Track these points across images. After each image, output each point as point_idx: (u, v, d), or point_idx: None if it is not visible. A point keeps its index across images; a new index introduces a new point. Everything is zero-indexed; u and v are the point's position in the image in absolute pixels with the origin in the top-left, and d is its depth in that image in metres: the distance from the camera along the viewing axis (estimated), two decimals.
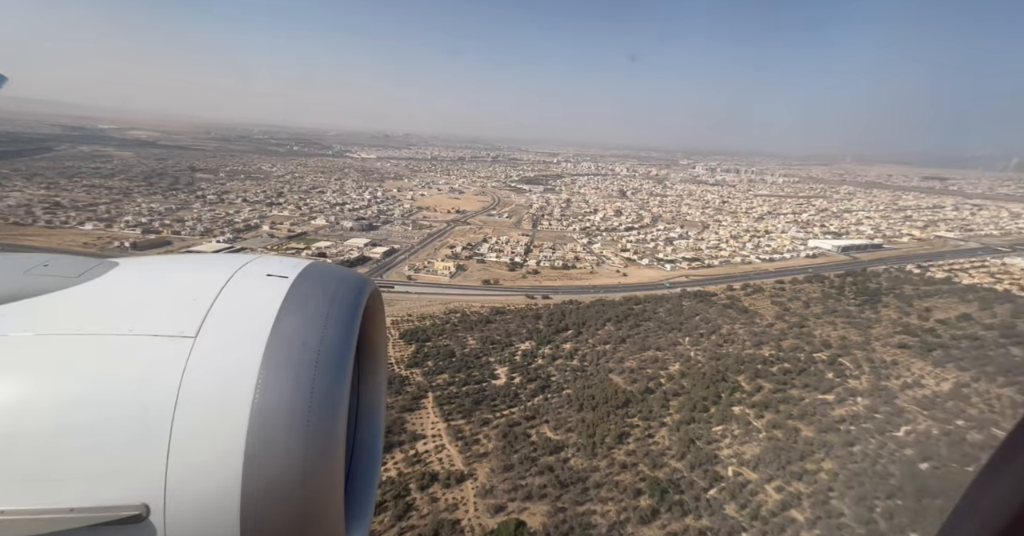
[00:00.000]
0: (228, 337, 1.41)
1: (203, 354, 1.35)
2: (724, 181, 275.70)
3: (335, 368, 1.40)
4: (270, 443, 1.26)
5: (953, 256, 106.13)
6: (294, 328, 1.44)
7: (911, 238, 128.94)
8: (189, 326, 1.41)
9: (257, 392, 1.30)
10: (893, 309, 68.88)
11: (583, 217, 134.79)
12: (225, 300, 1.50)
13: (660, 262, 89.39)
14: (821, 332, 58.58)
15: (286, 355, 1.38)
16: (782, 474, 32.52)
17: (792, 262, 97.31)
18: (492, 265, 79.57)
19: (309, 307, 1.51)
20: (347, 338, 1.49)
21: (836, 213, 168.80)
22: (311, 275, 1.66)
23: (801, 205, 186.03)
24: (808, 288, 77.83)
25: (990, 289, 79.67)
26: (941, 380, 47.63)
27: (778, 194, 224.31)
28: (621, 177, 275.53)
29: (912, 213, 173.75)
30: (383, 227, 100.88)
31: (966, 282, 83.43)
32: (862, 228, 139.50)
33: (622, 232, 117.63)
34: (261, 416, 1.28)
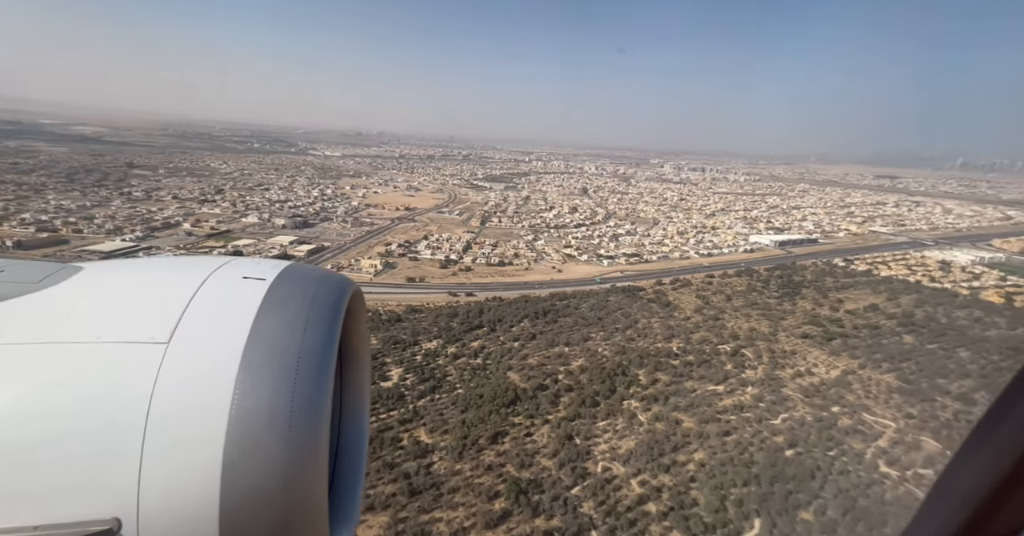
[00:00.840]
0: (203, 342, 1.36)
1: (177, 360, 1.30)
2: (688, 179, 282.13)
3: (317, 371, 1.37)
4: (250, 450, 1.22)
5: (880, 250, 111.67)
6: (273, 331, 1.39)
7: (847, 233, 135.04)
8: (161, 332, 1.34)
9: (235, 398, 1.26)
10: (809, 301, 71.45)
11: (537, 214, 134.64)
12: (199, 304, 1.44)
13: (600, 258, 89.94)
14: (733, 324, 59.95)
15: (265, 359, 1.33)
16: (651, 467, 32.59)
17: (729, 257, 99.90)
18: (425, 263, 78.03)
19: (289, 309, 1.46)
20: (329, 340, 1.45)
21: (785, 210, 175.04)
22: (290, 277, 1.62)
23: (755, 202, 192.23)
24: (735, 282, 79.91)
25: (903, 281, 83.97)
26: (831, 368, 49.39)
27: (736, 192, 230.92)
28: (588, 175, 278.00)
29: (855, 210, 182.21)
30: (320, 225, 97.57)
31: (884, 274, 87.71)
32: (805, 224, 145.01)
33: (572, 229, 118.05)
34: (240, 422, 1.23)
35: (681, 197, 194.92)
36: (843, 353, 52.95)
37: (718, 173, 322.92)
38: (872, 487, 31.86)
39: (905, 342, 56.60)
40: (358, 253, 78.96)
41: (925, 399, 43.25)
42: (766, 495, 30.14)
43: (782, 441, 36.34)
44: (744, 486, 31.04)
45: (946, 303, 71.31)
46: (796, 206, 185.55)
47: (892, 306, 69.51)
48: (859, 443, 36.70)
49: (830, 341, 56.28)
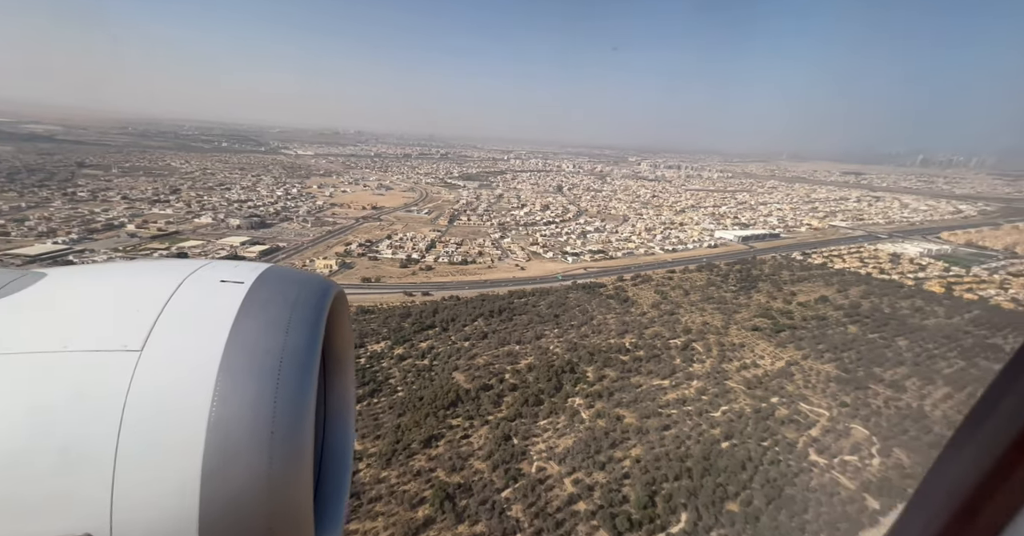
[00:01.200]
0: (179, 348, 1.32)
1: (151, 368, 1.26)
2: (663, 177, 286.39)
3: (300, 375, 1.34)
4: (231, 458, 1.19)
5: (838, 243, 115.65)
6: (254, 335, 1.36)
7: (809, 228, 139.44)
8: (134, 339, 1.31)
9: (215, 405, 1.23)
10: (764, 294, 73.10)
11: (508, 212, 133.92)
12: (174, 309, 1.41)
13: (565, 255, 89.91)
14: (687, 319, 60.66)
15: (246, 363, 1.30)
16: (587, 465, 32.32)
17: (694, 252, 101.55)
18: (385, 262, 76.27)
19: (269, 312, 1.44)
20: (311, 343, 1.42)
21: (753, 206, 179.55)
22: (270, 279, 1.60)
23: (725, 198, 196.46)
24: (695, 277, 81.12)
25: (855, 273, 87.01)
26: (776, 360, 50.44)
27: (708, 189, 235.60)
28: (565, 173, 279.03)
29: (819, 205, 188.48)
30: (279, 225, 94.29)
31: (838, 267, 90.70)
32: (770, 219, 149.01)
33: (541, 226, 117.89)
34: (220, 430, 1.20)
35: (654, 194, 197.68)
36: (789, 345, 54.20)
37: (693, 171, 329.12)
38: (799, 476, 32.44)
39: (849, 332, 58.40)
40: (315, 253, 76.54)
41: (859, 387, 44.56)
42: (695, 489, 30.25)
43: (719, 433, 36.70)
44: (676, 480, 31.10)
45: (891, 294, 74.14)
46: (764, 202, 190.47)
47: (841, 298, 71.79)
48: (792, 432, 37.41)
49: (779, 333, 57.58)
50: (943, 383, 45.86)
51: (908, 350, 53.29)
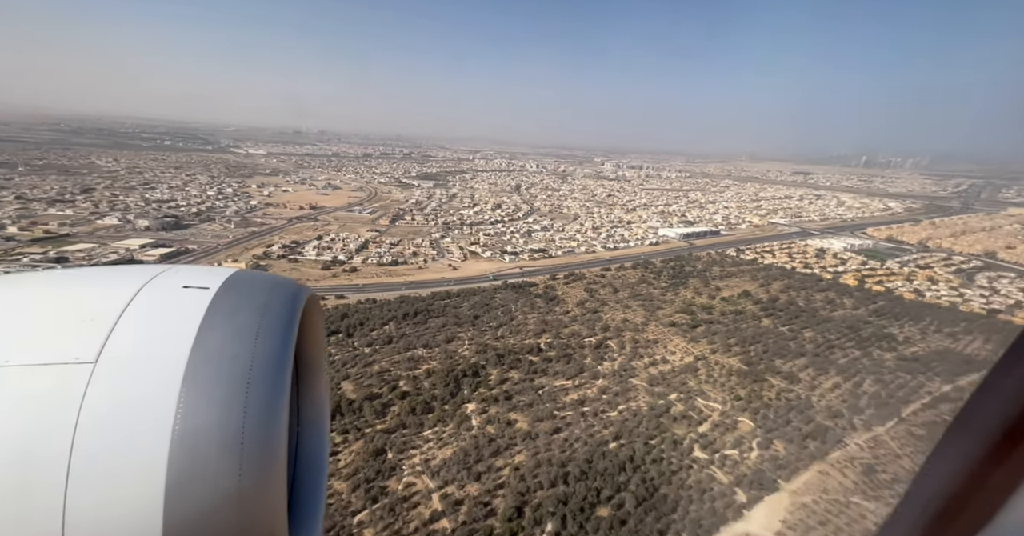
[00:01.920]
0: (138, 359, 1.26)
1: (106, 381, 1.20)
2: (624, 176, 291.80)
3: (271, 382, 1.29)
4: (197, 473, 1.14)
5: (773, 239, 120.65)
6: (220, 343, 1.30)
7: (749, 225, 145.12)
8: (86, 350, 1.24)
9: (179, 417, 1.17)
10: (691, 290, 74.42)
11: (457, 211, 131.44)
12: (132, 318, 1.34)
13: (504, 254, 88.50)
14: (609, 316, 60.47)
15: (212, 372, 1.25)
16: (462, 477, 30.54)
17: (635, 250, 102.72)
18: (307, 264, 72.09)
19: (237, 319, 1.38)
20: (283, 350, 1.38)
21: (702, 204, 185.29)
22: (237, 285, 1.54)
23: (678, 197, 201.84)
24: (629, 274, 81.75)
25: (781, 268, 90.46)
26: (686, 355, 50.81)
27: (665, 188, 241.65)
28: (528, 173, 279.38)
29: (764, 203, 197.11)
30: (199, 226, 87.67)
31: (767, 262, 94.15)
32: (716, 217, 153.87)
33: (488, 226, 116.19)
34: (185, 443, 1.15)
35: (610, 193, 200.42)
36: (702, 340, 54.87)
37: (653, 171, 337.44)
38: (677, 473, 32.04)
39: (761, 325, 59.98)
40: (229, 256, 71.29)
41: (757, 380, 45.36)
42: (568, 495, 29.12)
43: (609, 434, 35.97)
44: (551, 487, 29.88)
45: (809, 287, 77.36)
46: (713, 201, 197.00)
47: (762, 292, 74.11)
48: (682, 429, 37.23)
49: (695, 328, 58.32)
50: (835, 372, 47.46)
51: (811, 342, 55.16)
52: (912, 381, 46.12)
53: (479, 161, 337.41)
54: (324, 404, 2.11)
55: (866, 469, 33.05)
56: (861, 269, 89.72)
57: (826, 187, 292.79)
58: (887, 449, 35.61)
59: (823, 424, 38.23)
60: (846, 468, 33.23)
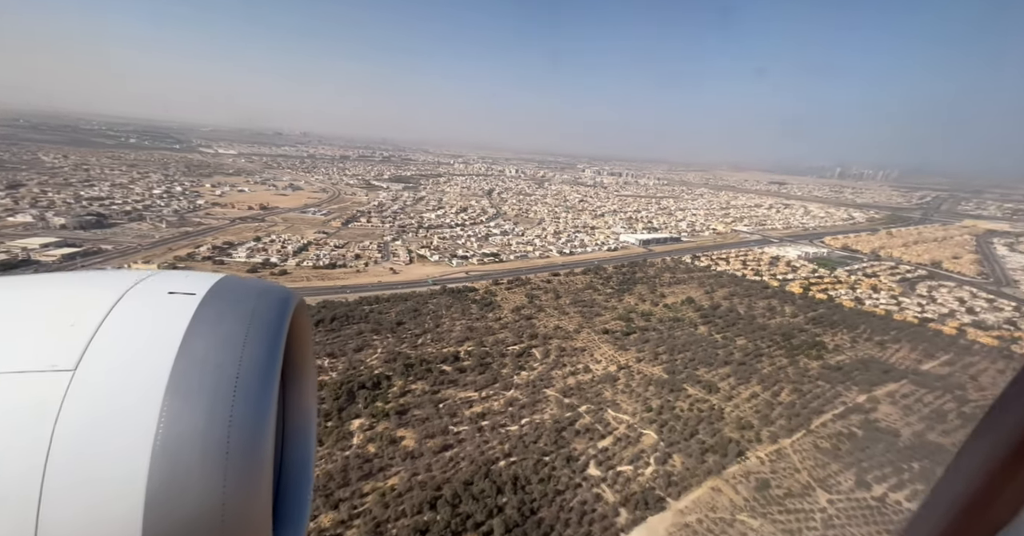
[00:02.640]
0: (120, 366, 1.21)
1: (85, 389, 1.15)
2: (601, 183, 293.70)
3: (258, 391, 1.26)
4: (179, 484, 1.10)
5: (733, 247, 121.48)
6: (206, 350, 1.27)
7: (713, 232, 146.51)
8: (65, 358, 1.19)
9: (161, 426, 1.13)
10: (636, 296, 73.37)
11: (420, 214, 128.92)
12: (114, 324, 1.29)
13: (453, 258, 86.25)
14: (543, 323, 58.66)
15: (196, 380, 1.21)
16: (318, 506, 27.76)
17: (592, 255, 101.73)
18: (234, 266, 68.44)
19: (224, 326, 1.35)
20: (270, 357, 1.34)
21: (672, 211, 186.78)
22: (224, 290, 1.50)
23: (650, 204, 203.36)
24: (578, 279, 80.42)
25: (732, 275, 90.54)
26: (611, 364, 49.20)
27: (640, 194, 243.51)
28: (506, 177, 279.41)
29: (732, 211, 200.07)
30: (126, 225, 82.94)
31: (721, 269, 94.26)
32: (681, 224, 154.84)
33: (446, 229, 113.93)
34: (167, 454, 1.11)
35: (582, 199, 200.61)
36: (632, 348, 53.43)
37: (632, 178, 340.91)
38: (563, 494, 30.00)
39: (696, 333, 58.99)
40: (144, 257, 67.14)
41: (674, 390, 43.94)
42: (431, 523, 26.70)
43: (503, 450, 33.77)
44: (415, 514, 27.41)
45: (754, 294, 77.25)
46: (683, 208, 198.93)
47: (706, 299, 73.58)
48: (583, 444, 35.32)
49: (628, 335, 56.93)
50: (756, 382, 46.47)
51: (741, 350, 54.32)
52: (830, 391, 45.40)
53: (459, 165, 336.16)
54: (311, 411, 2.04)
55: (760, 484, 31.62)
56: (809, 277, 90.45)
57: (797, 197, 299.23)
58: (787, 463, 34.34)
59: (729, 436, 36.84)
60: (740, 483, 31.74)
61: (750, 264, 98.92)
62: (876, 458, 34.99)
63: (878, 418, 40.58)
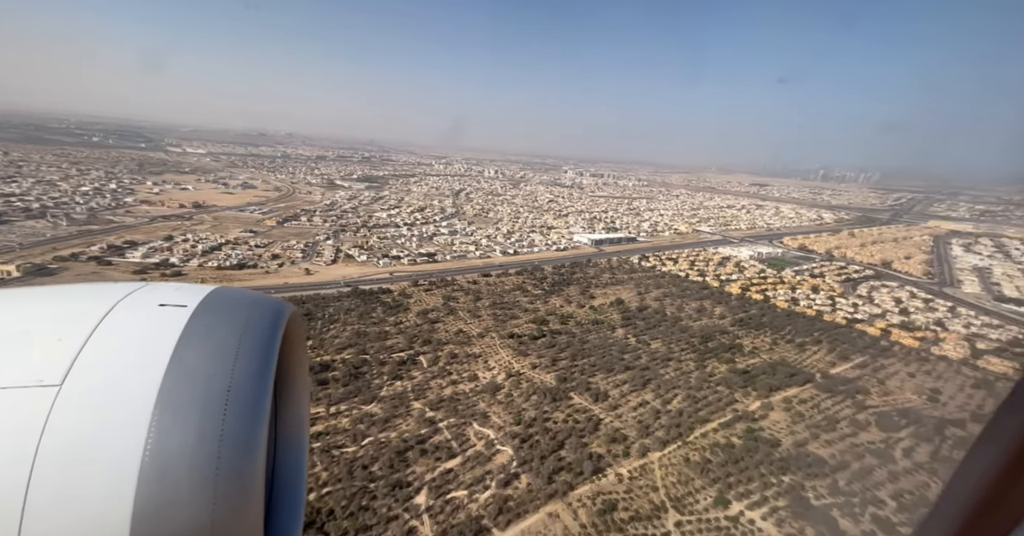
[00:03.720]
0: (109, 381, 1.19)
1: (72, 405, 1.12)
2: (580, 184, 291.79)
3: (251, 405, 1.24)
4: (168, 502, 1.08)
5: (688, 247, 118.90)
6: (197, 363, 1.25)
7: (673, 232, 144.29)
8: (51, 373, 1.17)
9: (150, 442, 1.11)
10: (564, 297, 70.06)
11: (372, 213, 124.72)
12: (103, 337, 1.27)
13: (384, 258, 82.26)
14: (446, 327, 54.98)
15: (187, 394, 1.19)
16: None
17: (537, 255, 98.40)
18: (122, 267, 63.66)
19: (216, 338, 1.33)
20: (263, 370, 1.32)
21: (640, 211, 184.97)
22: (216, 302, 1.48)
23: (621, 204, 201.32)
24: (509, 280, 76.93)
25: (675, 275, 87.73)
26: (503, 371, 45.64)
27: (615, 195, 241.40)
28: (485, 178, 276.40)
29: (702, 212, 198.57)
30: (20, 223, 77.50)
31: (666, 269, 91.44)
32: (644, 224, 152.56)
33: (392, 228, 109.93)
34: (155, 470, 1.08)
35: (552, 199, 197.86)
36: (533, 353, 49.97)
37: (613, 179, 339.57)
38: (370, 530, 26.19)
39: (612, 336, 55.79)
40: (22, 256, 62.04)
41: (558, 399, 40.51)
42: None
43: (325, 478, 29.86)
44: None
45: (689, 295, 74.45)
46: (653, 208, 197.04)
47: (637, 300, 70.55)
48: (425, 466, 31.60)
49: (536, 339, 53.47)
50: (652, 388, 43.27)
51: (651, 354, 51.19)
52: (726, 397, 42.37)
53: (439, 166, 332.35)
54: (303, 425, 1.96)
55: (606, 507, 28.19)
56: (754, 278, 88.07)
57: (774, 198, 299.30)
58: (647, 480, 31.01)
59: (594, 452, 33.44)
60: (583, 507, 28.27)
61: (698, 264, 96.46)
62: (746, 472, 31.84)
63: (764, 427, 37.55)
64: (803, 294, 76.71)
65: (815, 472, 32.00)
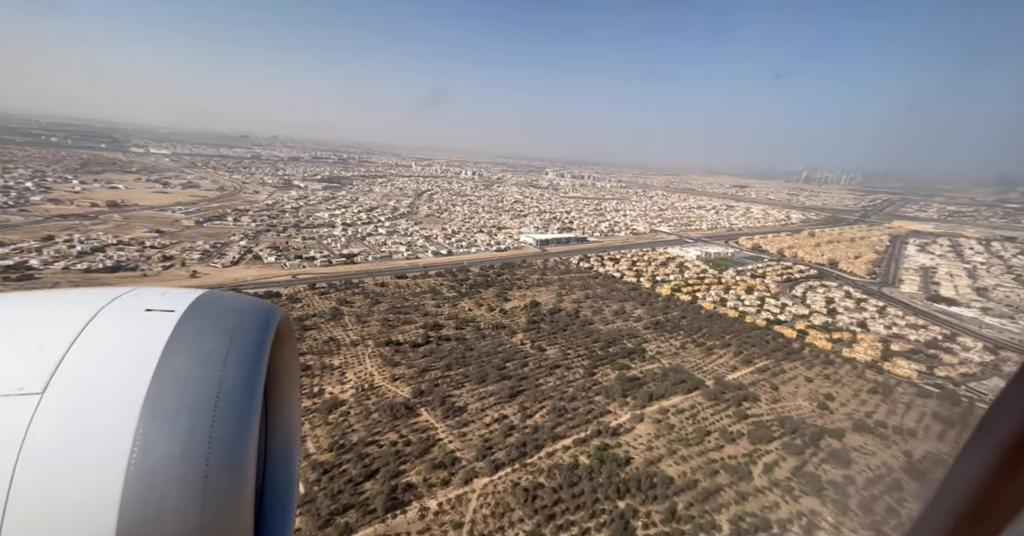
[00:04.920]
0: (93, 388, 1.16)
1: (54, 413, 1.10)
2: (556, 185, 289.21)
3: (240, 411, 1.21)
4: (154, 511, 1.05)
5: (637, 247, 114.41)
6: (184, 369, 1.23)
7: (629, 233, 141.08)
8: (32, 380, 1.14)
9: (136, 450, 1.08)
10: (477, 300, 65.45)
11: (314, 214, 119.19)
12: (87, 344, 1.24)
13: (297, 260, 76.94)
14: (317, 335, 49.89)
15: (174, 402, 1.16)
16: None
17: (473, 256, 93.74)
18: None
19: (204, 344, 1.30)
20: (252, 376, 1.29)
21: (605, 212, 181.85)
22: (204, 307, 1.45)
23: (588, 205, 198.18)
24: (425, 283, 72.00)
25: (610, 276, 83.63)
26: (363, 383, 40.67)
27: (588, 196, 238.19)
28: (460, 179, 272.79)
29: (669, 212, 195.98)
30: None
31: (603, 270, 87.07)
32: (603, 225, 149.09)
33: (327, 229, 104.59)
34: (141, 480, 1.05)
35: (518, 200, 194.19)
36: (404, 363, 45.07)
37: (592, 180, 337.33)
38: None
39: (507, 342, 51.17)
40: None
41: (401, 416, 35.62)
42: None
43: None
44: None
45: (614, 297, 70.28)
46: (619, 209, 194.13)
47: (556, 302, 66.18)
48: None
49: (418, 347, 48.61)
50: (519, 401, 38.59)
51: (540, 361, 46.68)
52: (600, 408, 37.91)
53: (418, 168, 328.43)
54: (294, 433, 1.93)
55: None
56: (691, 278, 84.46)
57: (750, 199, 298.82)
58: (455, 514, 26.21)
59: (409, 482, 28.59)
60: None
61: (639, 265, 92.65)
62: (578, 498, 27.25)
63: (623, 442, 33.12)
64: (734, 295, 73.06)
65: (655, 495, 27.53)
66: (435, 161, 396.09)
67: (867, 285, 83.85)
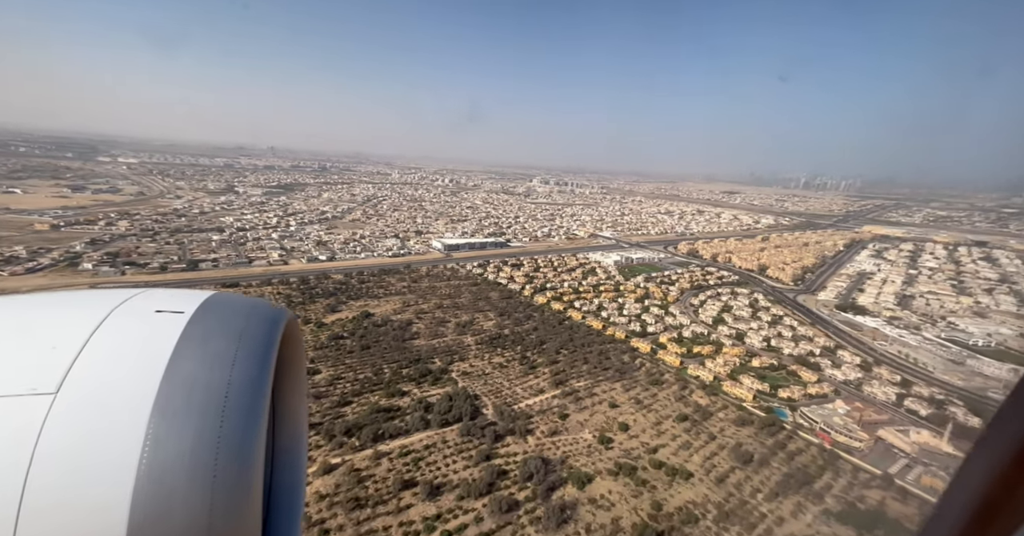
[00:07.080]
0: (105, 388, 1.18)
1: (67, 413, 1.12)
2: (533, 192, 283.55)
3: (248, 411, 1.23)
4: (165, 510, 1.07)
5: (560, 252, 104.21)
6: (193, 370, 1.25)
7: (567, 237, 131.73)
8: (46, 381, 1.17)
9: (147, 449, 1.10)
10: (303, 311, 56.63)
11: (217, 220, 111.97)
12: (99, 345, 1.26)
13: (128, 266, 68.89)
14: None
15: (183, 402, 1.18)
16: None
17: (358, 262, 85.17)
18: None
19: (212, 345, 1.33)
20: (260, 377, 1.32)
21: (562, 217, 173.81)
22: (213, 308, 1.48)
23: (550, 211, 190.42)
24: (264, 290, 63.44)
25: (496, 283, 74.69)
26: None
27: (557, 203, 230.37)
28: (434, 186, 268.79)
29: (631, 217, 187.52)
30: None
31: (493, 277, 77.87)
32: (544, 229, 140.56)
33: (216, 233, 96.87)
34: (152, 478, 1.08)
35: (475, 206, 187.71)
36: None
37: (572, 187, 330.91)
38: None
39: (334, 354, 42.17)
40: None
41: None
42: None
43: None
44: None
45: (474, 307, 60.72)
46: (575, 215, 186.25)
47: (394, 313, 57.17)
48: None
49: None
50: None
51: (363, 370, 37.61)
52: None
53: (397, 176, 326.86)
54: (302, 433, 1.94)
55: None
56: (585, 286, 75.10)
57: (731, 205, 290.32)
58: None
59: None
60: None
61: (541, 271, 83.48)
62: None
63: None
64: (618, 305, 63.53)
65: None
66: (422, 170, 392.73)
67: (785, 292, 74.05)
